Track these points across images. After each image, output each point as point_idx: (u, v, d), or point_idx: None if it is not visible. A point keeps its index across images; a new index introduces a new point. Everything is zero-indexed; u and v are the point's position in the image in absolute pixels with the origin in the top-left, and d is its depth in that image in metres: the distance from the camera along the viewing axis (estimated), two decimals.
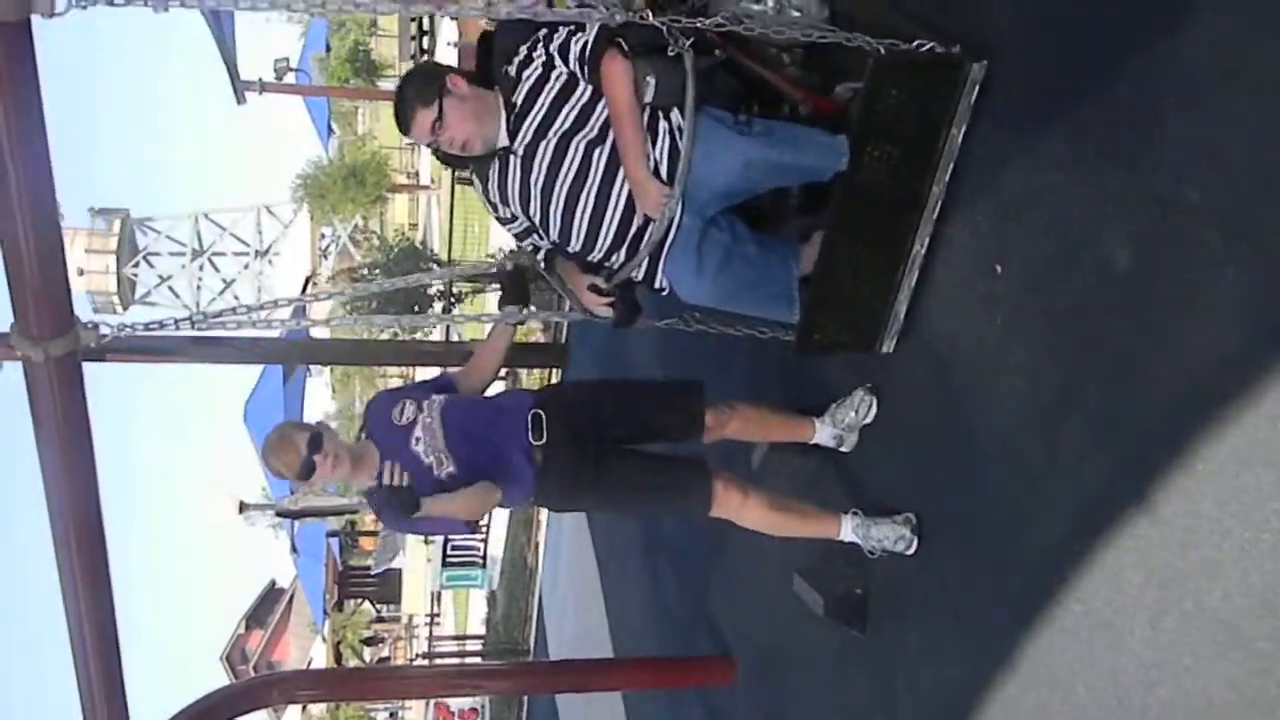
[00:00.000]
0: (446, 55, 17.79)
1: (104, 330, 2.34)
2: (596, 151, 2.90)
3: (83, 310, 2.32)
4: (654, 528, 6.44)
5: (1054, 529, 2.36)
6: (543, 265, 3.21)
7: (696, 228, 2.92)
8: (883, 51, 2.57)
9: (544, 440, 2.99)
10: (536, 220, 3.05)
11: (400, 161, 30.00)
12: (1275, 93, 1.82)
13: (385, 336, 12.15)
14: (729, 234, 2.98)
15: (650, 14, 2.60)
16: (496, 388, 3.63)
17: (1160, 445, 2.04)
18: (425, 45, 20.48)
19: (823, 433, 3.29)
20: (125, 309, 36.32)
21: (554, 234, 3.04)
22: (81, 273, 34.24)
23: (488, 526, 13.89)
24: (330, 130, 28.93)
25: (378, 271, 12.63)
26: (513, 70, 2.93)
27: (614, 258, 3.03)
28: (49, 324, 2.15)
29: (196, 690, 3.82)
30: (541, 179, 2.95)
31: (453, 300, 12.73)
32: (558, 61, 2.88)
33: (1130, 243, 2.13)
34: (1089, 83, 2.25)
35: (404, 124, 2.95)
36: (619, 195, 2.93)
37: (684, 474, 3.08)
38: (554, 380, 9.39)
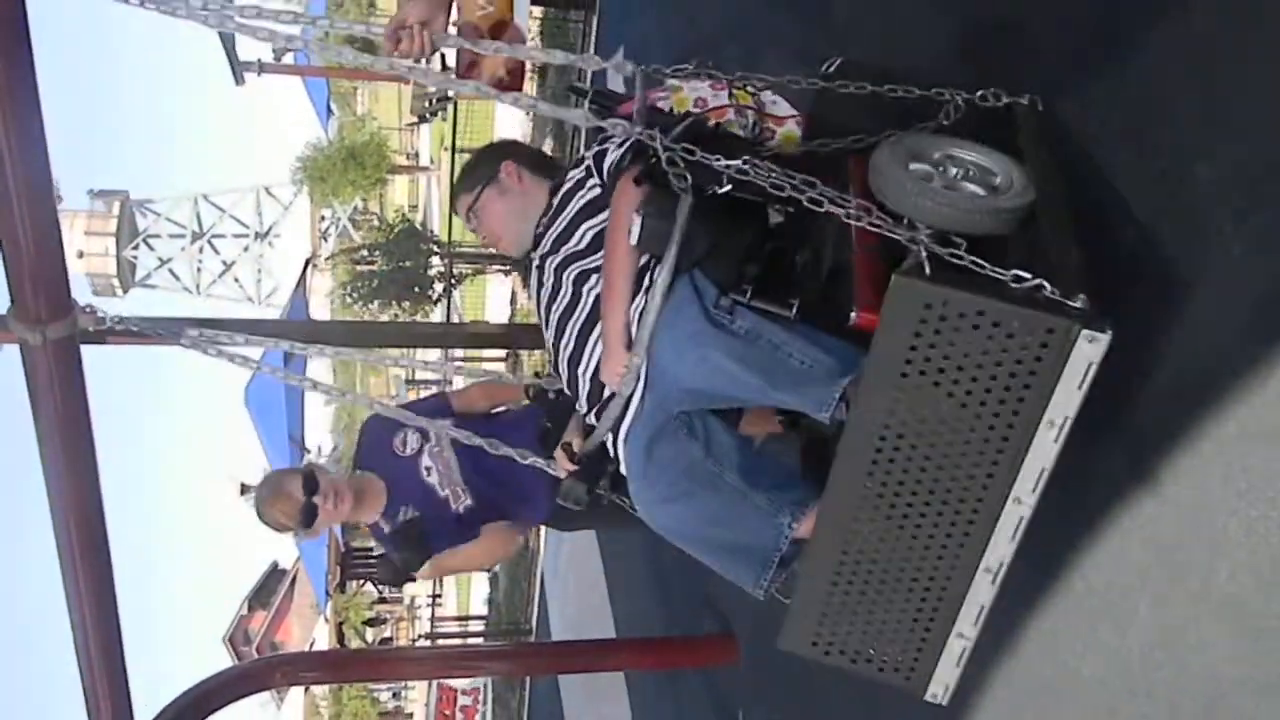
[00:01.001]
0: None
1: (101, 314, 2.33)
2: (587, 285, 2.43)
3: (82, 292, 2.31)
4: None
5: (1057, 506, 2.35)
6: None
7: (654, 420, 2.24)
8: (927, 266, 1.75)
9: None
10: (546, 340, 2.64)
11: (400, 142, 29.92)
12: None
13: (385, 318, 12.14)
14: (701, 444, 2.23)
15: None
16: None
17: (1166, 423, 2.03)
18: (436, 105, 20.35)
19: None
20: (125, 291, 36.33)
21: (550, 365, 2.66)
22: (81, 255, 34.24)
23: None
24: (329, 111, 28.80)
25: (377, 252, 12.63)
26: (571, 166, 2.60)
27: (590, 417, 2.47)
28: (47, 307, 2.13)
29: (199, 672, 3.83)
30: (546, 297, 2.54)
31: (453, 281, 12.72)
32: (594, 172, 2.47)
33: (1137, 218, 2.11)
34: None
35: (454, 203, 2.83)
36: (596, 345, 2.37)
37: None
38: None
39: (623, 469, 2.38)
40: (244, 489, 21.19)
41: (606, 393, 2.34)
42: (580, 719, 9.22)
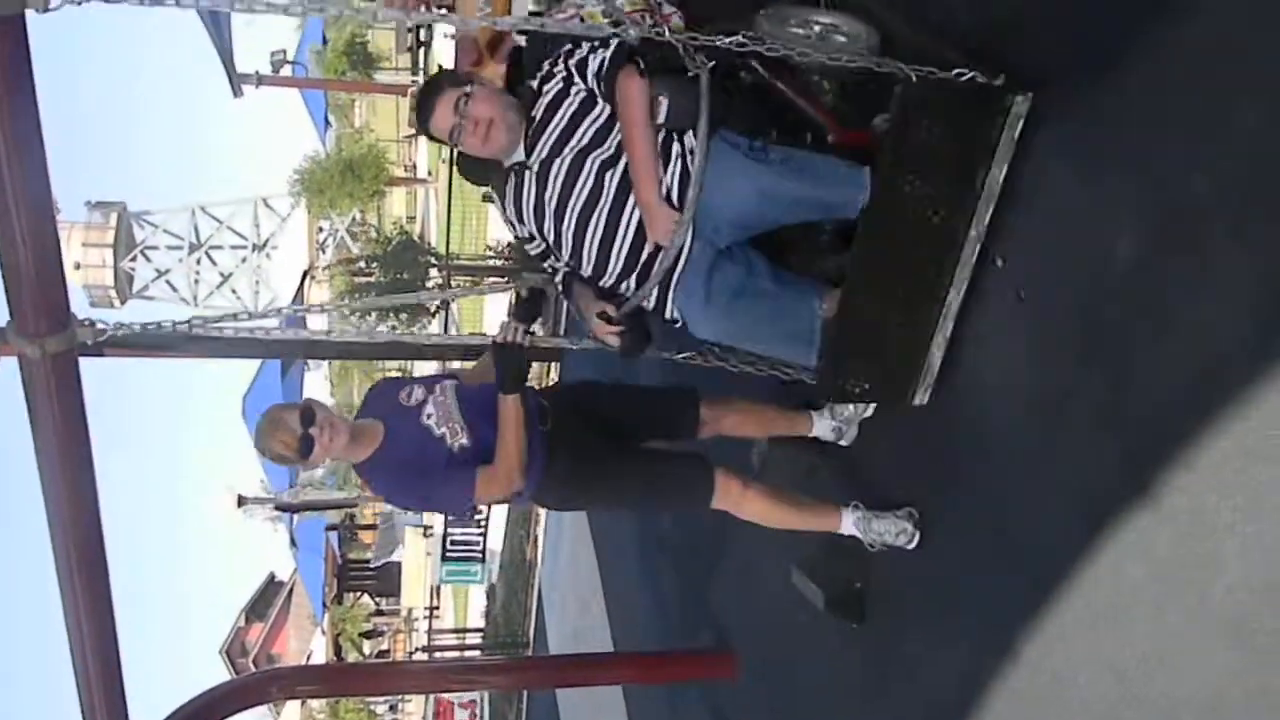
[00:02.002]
0: (444, 47, 17.73)
1: (100, 327, 2.33)
2: (609, 173, 2.78)
3: (80, 304, 2.31)
4: (653, 522, 6.43)
5: (1056, 521, 2.36)
6: (560, 289, 3.11)
7: (707, 258, 2.77)
8: (914, 79, 2.40)
9: (549, 428, 2.97)
10: (551, 240, 2.95)
11: (398, 155, 29.95)
12: None
13: (383, 330, 12.13)
14: (744, 267, 2.81)
15: (668, 31, 2.49)
16: None
17: (1163, 438, 2.03)
18: (422, 37, 20.43)
19: (821, 425, 3.28)
20: (123, 303, 36.29)
21: (566, 256, 2.94)
22: (78, 266, 34.19)
23: (487, 519, 13.89)
24: (327, 123, 28.87)
25: (375, 264, 12.62)
26: (535, 84, 2.85)
27: (625, 284, 2.89)
28: (45, 321, 2.13)
29: (196, 685, 3.82)
30: (555, 197, 2.84)
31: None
32: (576, 78, 2.78)
33: (1134, 231, 2.12)
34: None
35: (426, 108, 2.82)
36: (630, 220, 2.80)
37: (684, 466, 3.08)
38: (552, 374, 9.38)
39: (669, 313, 2.88)
40: (241, 500, 21.16)
41: (646, 255, 2.80)
42: None
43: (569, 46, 2.79)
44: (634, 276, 2.86)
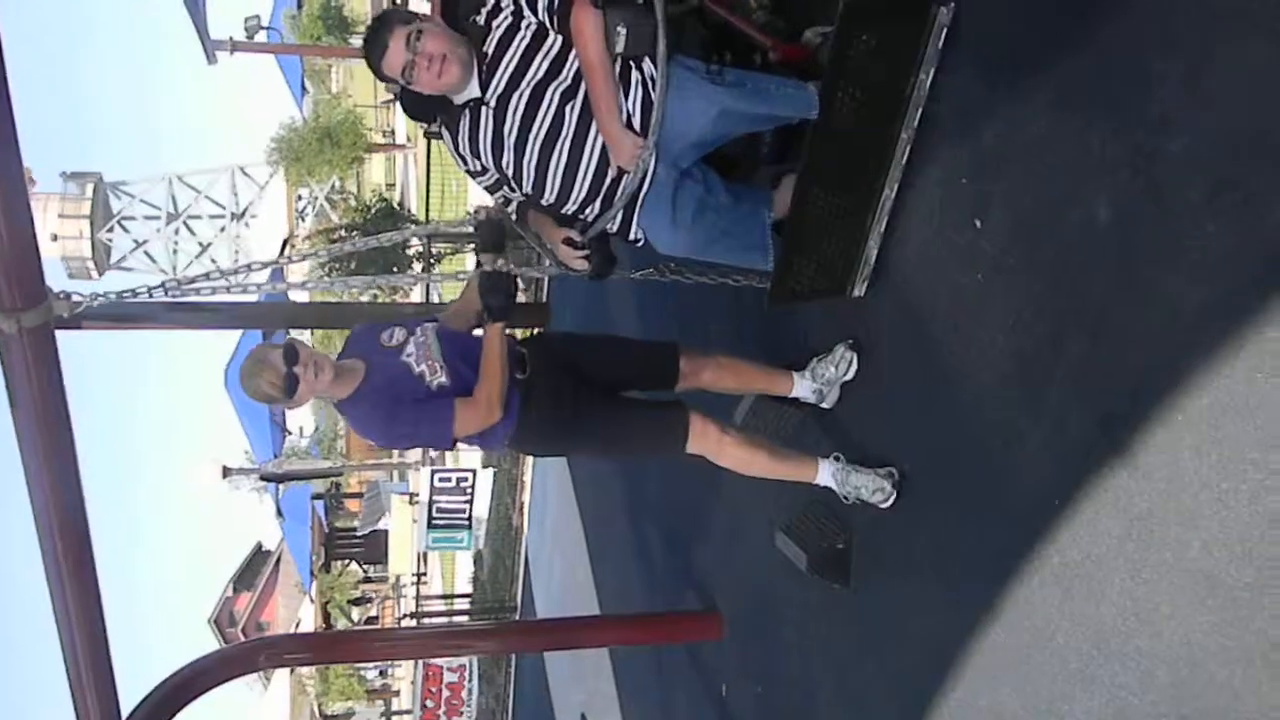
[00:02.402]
0: (419, 6, 17.51)
1: (77, 299, 2.31)
2: (570, 104, 2.85)
3: (57, 276, 2.29)
4: (639, 485, 6.47)
5: (1034, 480, 2.38)
6: (515, 218, 3.18)
7: (671, 179, 2.92)
8: None
9: (527, 375, 3.00)
10: (510, 172, 3.01)
11: (376, 120, 29.65)
12: (1258, 42, 1.81)
13: (365, 299, 12.06)
14: (702, 184, 2.98)
15: None
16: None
17: (1139, 397, 2.05)
18: (398, 1, 20.13)
19: (802, 386, 3.29)
20: (101, 274, 35.93)
21: (527, 186, 3.01)
22: (55, 238, 33.82)
23: (473, 487, 13.91)
24: (304, 89, 28.52)
25: (355, 232, 12.54)
26: (481, 19, 2.86)
27: (588, 210, 3.01)
28: (21, 295, 2.12)
29: (185, 654, 3.84)
30: (515, 130, 2.90)
31: (432, 260, 12.65)
32: (526, 11, 2.82)
33: (1110, 195, 2.13)
34: (1066, 30, 2.24)
35: (377, 48, 2.81)
36: (593, 147, 2.89)
37: (660, 410, 3.11)
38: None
39: (633, 235, 3.03)
40: (226, 471, 21.09)
41: (609, 180, 2.92)
42: (566, 695, 9.27)
43: None
44: (598, 201, 2.97)
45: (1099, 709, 2.17)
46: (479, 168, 3.09)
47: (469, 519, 14.36)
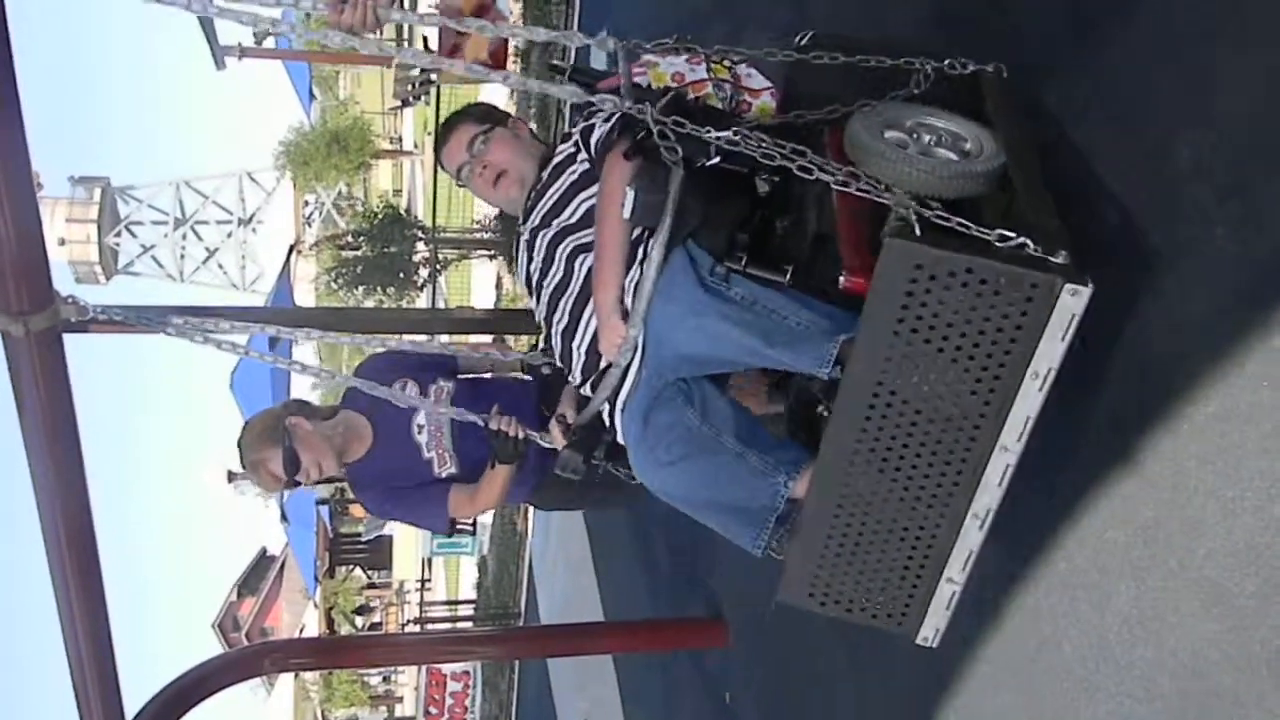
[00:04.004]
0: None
1: (84, 304, 2.32)
2: (581, 259, 2.44)
3: (64, 280, 2.30)
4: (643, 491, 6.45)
5: (1039, 486, 2.37)
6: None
7: (651, 388, 2.27)
8: (918, 228, 1.81)
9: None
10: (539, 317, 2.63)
11: (383, 127, 29.73)
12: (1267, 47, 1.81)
13: (370, 304, 12.09)
14: (697, 410, 2.27)
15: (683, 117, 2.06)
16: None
17: (1145, 405, 2.05)
18: (407, 5, 20.19)
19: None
20: (108, 278, 36.07)
21: (543, 340, 2.70)
22: (63, 242, 33.95)
23: None
24: (312, 95, 28.58)
25: (362, 238, 12.57)
26: (559, 142, 2.61)
27: (584, 389, 2.52)
28: (29, 298, 2.13)
29: (189, 659, 3.84)
30: (536, 272, 2.57)
31: (439, 266, 12.68)
32: (583, 147, 2.50)
33: (1117, 198, 2.13)
34: None
35: (446, 133, 2.67)
36: (590, 318, 2.40)
37: None
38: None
39: (620, 438, 2.41)
40: (231, 475, 21.11)
41: (602, 364, 2.38)
42: (569, 702, 9.26)
43: (589, 109, 2.37)
44: (591, 382, 2.48)
45: (1103, 717, 2.16)
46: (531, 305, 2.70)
47: (474, 524, 14.37)
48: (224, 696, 3.83)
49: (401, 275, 12.10)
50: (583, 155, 2.50)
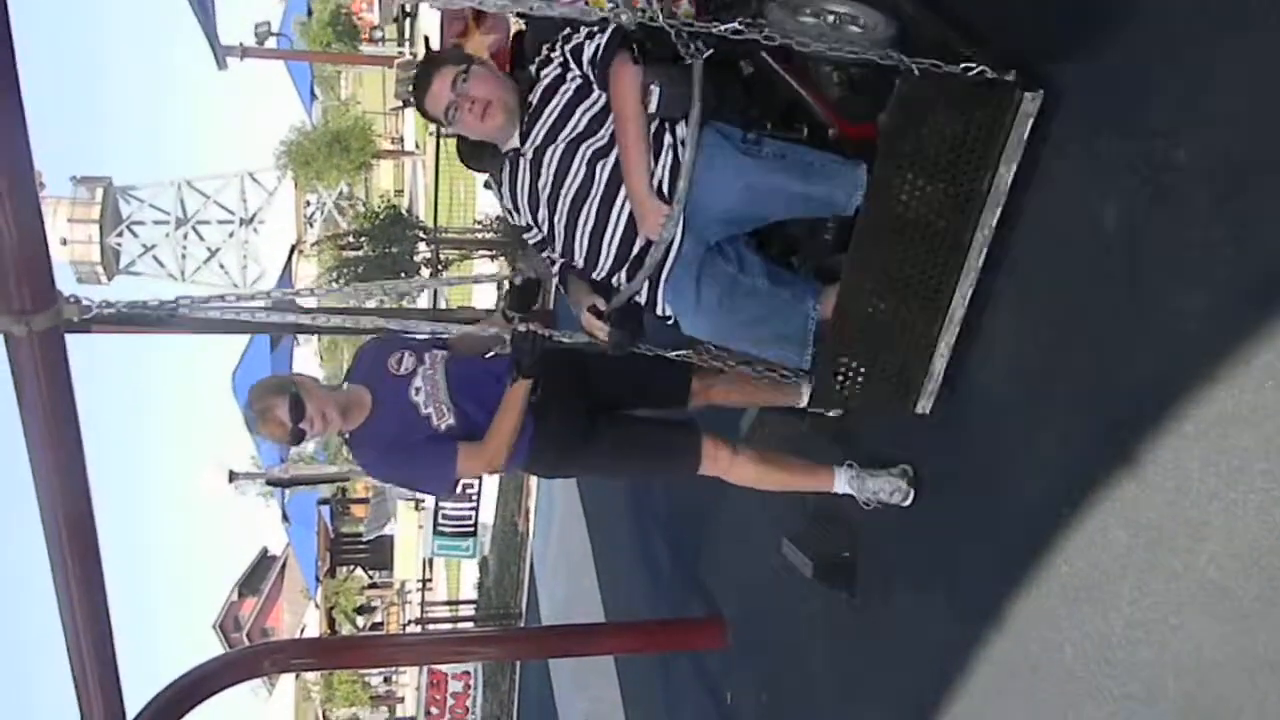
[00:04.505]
0: (429, 18, 17.55)
1: (86, 304, 2.31)
2: (601, 163, 2.71)
3: (66, 280, 2.30)
4: (645, 492, 6.46)
5: (1041, 490, 2.37)
6: (557, 279, 3.02)
7: (697, 254, 2.69)
8: (916, 72, 2.27)
9: (539, 398, 2.95)
10: (545, 230, 2.88)
11: (385, 127, 29.73)
12: (1263, 49, 1.80)
13: (372, 304, 12.09)
14: (735, 263, 2.72)
15: (661, 17, 2.38)
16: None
17: (1147, 407, 2.04)
18: (408, 8, 20.21)
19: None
20: (110, 278, 36.06)
21: (559, 247, 2.87)
22: (64, 242, 33.93)
23: (478, 494, 13.91)
24: (313, 95, 28.61)
25: (363, 238, 12.57)
26: (533, 69, 2.78)
27: (616, 278, 2.81)
28: (31, 298, 2.12)
29: (190, 659, 3.84)
30: (548, 186, 2.78)
31: (440, 267, 12.67)
32: (572, 64, 2.71)
33: (1117, 203, 2.12)
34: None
35: (423, 85, 2.75)
36: (620, 211, 2.71)
37: (672, 432, 3.10)
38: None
39: (660, 310, 2.80)
40: (232, 476, 21.10)
41: (635, 250, 2.72)
42: (570, 702, 9.25)
43: (567, 31, 2.69)
44: (625, 270, 2.78)
45: (1106, 719, 2.16)
46: (524, 223, 2.96)
47: (474, 526, 14.36)
48: (225, 697, 3.83)
49: (403, 275, 12.09)
50: (573, 73, 2.71)
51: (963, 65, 2.24)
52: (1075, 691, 2.25)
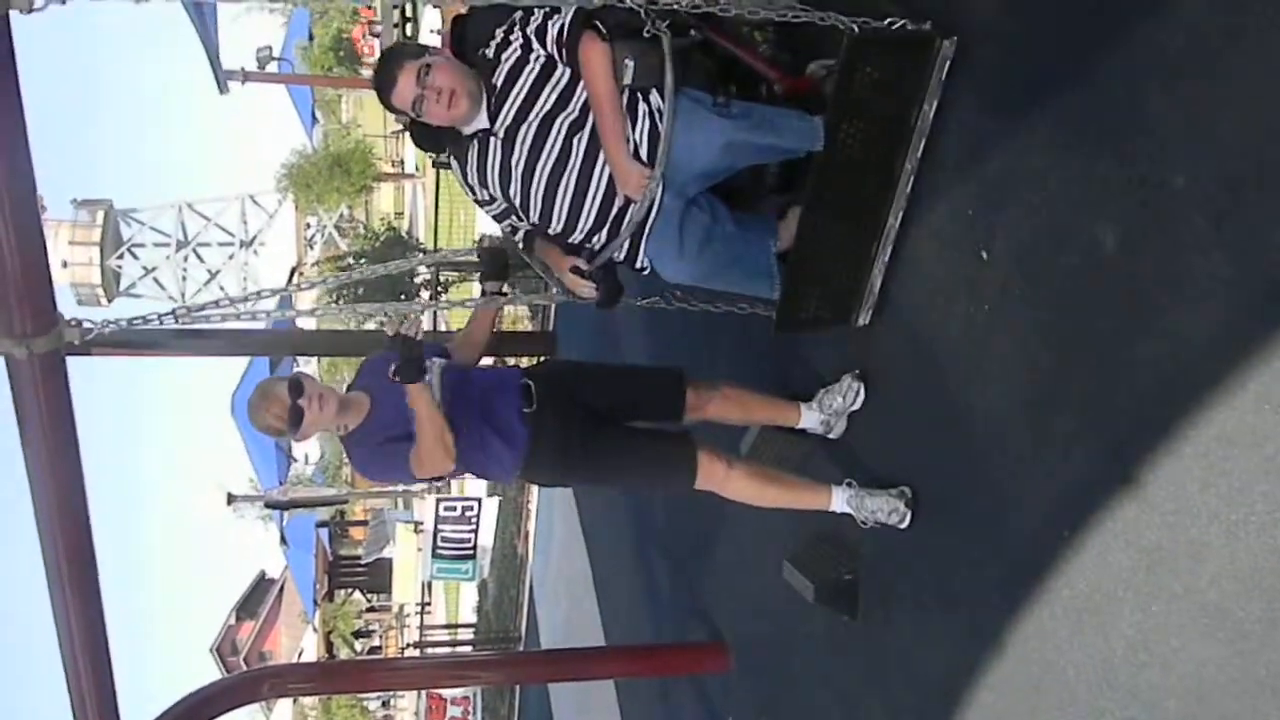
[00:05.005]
0: (430, 42, 17.69)
1: (87, 326, 2.32)
2: (578, 135, 2.91)
3: (67, 303, 2.30)
4: (645, 514, 6.44)
5: (1042, 511, 2.37)
6: (521, 247, 3.21)
7: (678, 208, 2.95)
8: (856, 30, 2.61)
9: (534, 408, 3.02)
10: (517, 202, 3.05)
11: (385, 150, 29.84)
12: (1262, 73, 1.82)
13: (371, 326, 12.09)
14: (709, 213, 3.01)
15: None
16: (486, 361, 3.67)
17: (1147, 428, 2.04)
18: (408, 33, 20.31)
19: (809, 418, 3.29)
20: (110, 301, 36.09)
21: (534, 216, 3.05)
22: (65, 265, 33.99)
23: (478, 517, 13.87)
24: (314, 119, 28.75)
25: (363, 260, 12.58)
26: (490, 53, 2.93)
27: (595, 239, 3.04)
28: (32, 321, 2.13)
29: (187, 683, 3.82)
30: (523, 161, 2.95)
31: (439, 288, 12.69)
32: (535, 44, 2.88)
33: (1116, 226, 2.13)
34: (1071, 63, 2.25)
35: (388, 76, 2.87)
36: (600, 178, 2.94)
37: (667, 444, 3.12)
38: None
39: (640, 263, 3.07)
40: (231, 498, 21.07)
41: (616, 208, 2.95)
42: None
43: (520, 14, 2.85)
44: (605, 230, 3.01)
45: None
46: (486, 197, 3.13)
47: (474, 548, 14.31)
48: None
49: (402, 296, 12.11)
50: (536, 52, 2.88)
51: (888, 20, 2.64)
52: (1077, 713, 2.24)
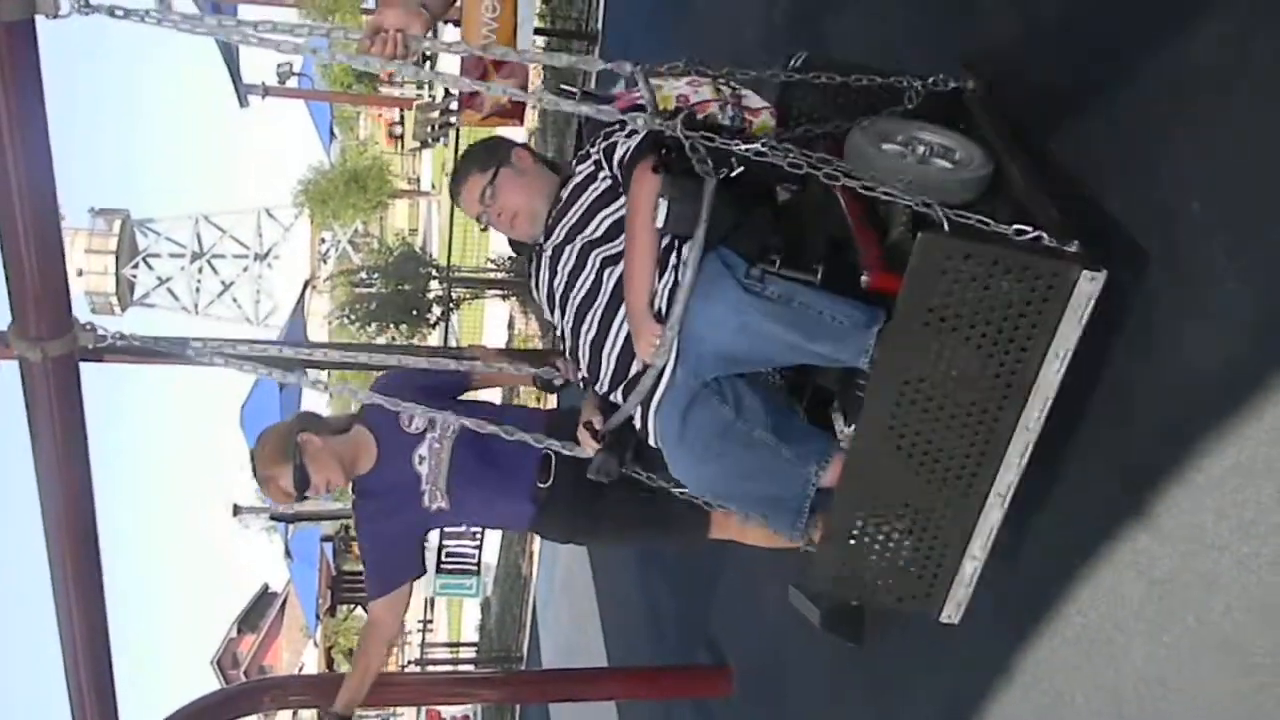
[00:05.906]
0: (448, 61, 17.81)
1: (102, 332, 2.32)
2: (609, 270, 2.56)
3: (81, 311, 2.31)
4: None
5: (1054, 540, 2.35)
6: (582, 385, 2.78)
7: (689, 386, 2.40)
8: (946, 226, 1.99)
9: (550, 483, 2.94)
10: (558, 332, 2.75)
11: (401, 167, 30.03)
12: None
13: (383, 341, 12.13)
14: (732, 407, 2.41)
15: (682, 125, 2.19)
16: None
17: (1161, 458, 2.03)
18: (426, 53, 20.48)
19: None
20: (124, 310, 36.32)
21: (568, 352, 2.72)
22: (80, 273, 34.26)
23: (483, 533, 13.85)
24: (332, 135, 28.94)
25: (376, 275, 12.64)
26: (574, 162, 2.72)
27: (614, 395, 2.61)
28: (47, 325, 2.13)
29: (187, 695, 3.81)
30: (561, 287, 2.67)
31: (452, 305, 12.73)
32: (605, 164, 2.61)
33: (1129, 252, 2.13)
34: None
35: (456, 188, 2.79)
36: (621, 325, 2.52)
37: (680, 505, 2.83)
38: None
39: (652, 440, 2.52)
40: (236, 510, 21.09)
41: (633, 370, 2.50)
42: None
43: (610, 128, 2.54)
44: (622, 389, 2.57)
45: None
46: (548, 315, 2.82)
47: (478, 565, 14.29)
48: None
49: (415, 312, 12.15)
50: (604, 173, 2.61)
51: (1014, 227, 1.94)
52: None
